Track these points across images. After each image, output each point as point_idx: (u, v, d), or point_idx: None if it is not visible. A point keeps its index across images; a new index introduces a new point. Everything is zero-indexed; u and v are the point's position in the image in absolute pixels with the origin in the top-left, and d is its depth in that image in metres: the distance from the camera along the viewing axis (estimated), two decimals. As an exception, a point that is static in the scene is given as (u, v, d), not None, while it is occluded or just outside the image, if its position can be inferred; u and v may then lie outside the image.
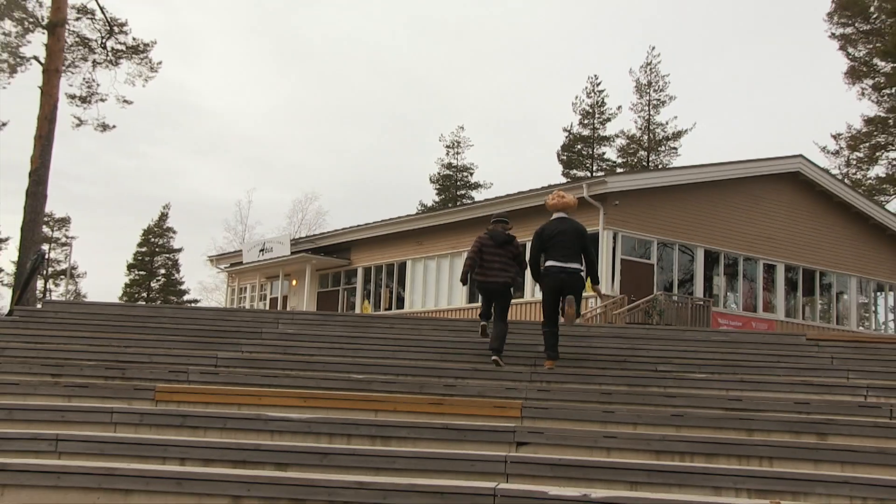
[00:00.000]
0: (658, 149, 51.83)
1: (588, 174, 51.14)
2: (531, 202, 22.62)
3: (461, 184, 59.66)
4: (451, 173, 59.91)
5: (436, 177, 60.28)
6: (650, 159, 51.61)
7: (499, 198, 25.03)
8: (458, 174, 59.86)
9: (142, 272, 66.12)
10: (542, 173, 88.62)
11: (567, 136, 54.71)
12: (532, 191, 23.51)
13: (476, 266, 9.74)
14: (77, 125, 29.70)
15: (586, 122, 54.41)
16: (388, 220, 28.54)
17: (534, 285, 22.43)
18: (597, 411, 7.37)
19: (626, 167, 51.39)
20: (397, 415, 7.38)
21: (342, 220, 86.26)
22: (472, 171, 59.91)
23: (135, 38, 29.56)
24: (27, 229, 24.61)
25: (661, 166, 48.18)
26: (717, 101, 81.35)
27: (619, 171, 48.38)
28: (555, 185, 24.12)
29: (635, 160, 52.20)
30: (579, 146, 54.56)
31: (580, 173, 52.65)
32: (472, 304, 24.92)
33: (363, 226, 29.51)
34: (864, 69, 40.46)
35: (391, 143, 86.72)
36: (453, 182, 59.74)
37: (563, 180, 44.57)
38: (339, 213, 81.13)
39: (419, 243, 27.48)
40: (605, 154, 54.26)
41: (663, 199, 23.73)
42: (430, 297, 27.01)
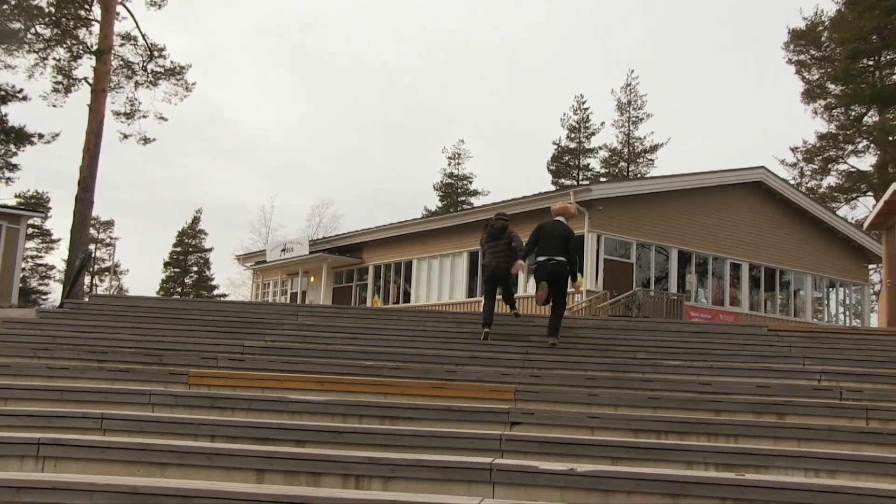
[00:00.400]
0: (637, 160, 51.74)
1: (575, 183, 50.95)
2: (523, 207, 22.64)
3: (462, 191, 59.55)
4: (453, 182, 59.82)
5: (439, 185, 60.20)
6: (630, 170, 51.55)
7: (495, 203, 24.98)
8: (458, 182, 59.78)
9: (176, 269, 66.16)
10: (534, 182, 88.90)
11: (556, 149, 54.70)
12: (525, 197, 23.51)
13: (486, 254, 10.58)
14: (122, 139, 29.79)
15: (573, 136, 54.34)
16: (397, 223, 28.51)
17: (526, 282, 22.46)
18: (582, 394, 7.36)
19: (609, 177, 51.34)
20: (404, 397, 7.39)
21: (355, 223, 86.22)
22: (471, 179, 59.92)
23: (172, 62, 29.66)
24: (76, 231, 24.69)
25: (639, 176, 48.12)
26: (689, 118, 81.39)
27: (603, 180, 48.29)
28: (545, 192, 24.10)
29: (617, 170, 52.15)
30: (567, 157, 54.46)
31: (567, 182, 52.50)
32: (471, 299, 24.93)
33: (374, 228, 29.47)
34: (818, 91, 40.59)
35: (400, 153, 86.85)
36: (455, 189, 59.64)
37: (553, 188, 44.49)
38: (352, 216, 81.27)
39: (424, 244, 27.44)
40: (589, 165, 54.21)
41: (642, 205, 23.73)
42: (434, 292, 26.97)
